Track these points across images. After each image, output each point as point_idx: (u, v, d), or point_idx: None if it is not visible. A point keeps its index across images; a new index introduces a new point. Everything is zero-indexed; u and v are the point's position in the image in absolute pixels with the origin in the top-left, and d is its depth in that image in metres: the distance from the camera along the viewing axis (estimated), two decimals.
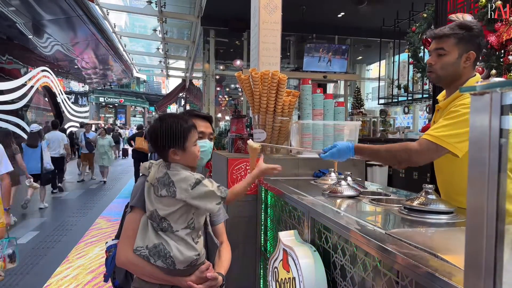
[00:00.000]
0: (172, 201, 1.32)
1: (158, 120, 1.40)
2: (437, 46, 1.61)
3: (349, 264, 1.29)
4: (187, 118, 1.44)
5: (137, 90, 34.55)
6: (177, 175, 1.33)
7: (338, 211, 1.48)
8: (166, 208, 1.32)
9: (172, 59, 16.70)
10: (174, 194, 1.31)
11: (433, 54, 1.64)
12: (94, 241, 5.05)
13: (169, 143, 1.35)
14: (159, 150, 1.38)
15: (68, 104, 16.91)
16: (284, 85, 2.60)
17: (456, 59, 1.58)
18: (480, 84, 0.51)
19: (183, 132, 1.36)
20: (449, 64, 1.59)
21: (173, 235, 1.33)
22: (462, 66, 1.59)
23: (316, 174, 2.52)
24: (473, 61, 1.59)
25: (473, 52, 1.57)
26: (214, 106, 10.74)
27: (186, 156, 1.38)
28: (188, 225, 1.35)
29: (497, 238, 0.52)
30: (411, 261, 0.88)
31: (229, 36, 9.82)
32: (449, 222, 1.26)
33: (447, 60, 1.59)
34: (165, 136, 1.35)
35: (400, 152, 1.60)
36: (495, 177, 0.52)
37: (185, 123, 1.39)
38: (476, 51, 1.58)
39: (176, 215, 1.33)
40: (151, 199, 1.35)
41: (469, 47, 1.57)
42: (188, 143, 1.38)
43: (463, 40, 1.57)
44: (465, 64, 1.59)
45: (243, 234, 2.51)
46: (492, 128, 0.52)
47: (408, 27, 5.53)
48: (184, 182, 1.31)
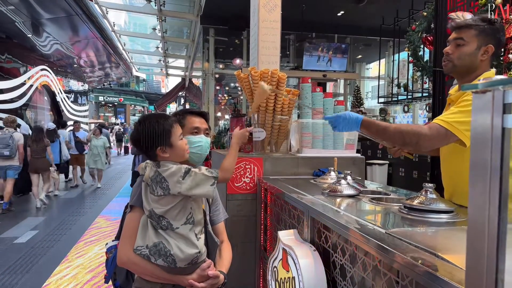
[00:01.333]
0: (169, 197, 1.32)
1: (138, 124, 1.40)
2: (457, 36, 1.60)
3: (349, 263, 1.28)
4: (166, 115, 1.45)
5: (137, 89, 34.53)
6: (167, 170, 1.33)
7: (338, 210, 1.47)
8: (164, 206, 1.32)
9: (172, 58, 16.68)
10: (168, 189, 1.31)
11: (452, 43, 1.63)
12: (94, 240, 5.04)
13: (155, 142, 1.35)
14: (146, 151, 1.38)
15: (67, 103, 16.89)
16: (283, 84, 2.59)
17: (474, 50, 1.57)
18: (482, 82, 0.50)
19: (165, 128, 1.36)
20: (466, 54, 1.58)
21: (173, 233, 1.32)
22: (479, 58, 1.57)
23: (316, 173, 2.51)
24: (491, 55, 1.58)
25: (491, 46, 1.56)
26: (213, 105, 10.74)
27: (174, 152, 1.38)
28: (187, 220, 1.35)
29: (499, 238, 0.51)
30: (411, 261, 0.87)
31: (229, 34, 9.81)
32: (449, 221, 1.25)
33: (465, 50, 1.58)
34: (149, 136, 1.34)
35: (410, 134, 1.55)
36: (497, 177, 0.51)
37: (165, 120, 1.39)
38: (495, 45, 1.57)
39: (174, 211, 1.32)
40: (148, 199, 1.35)
41: (489, 41, 1.56)
42: (173, 137, 1.37)
43: (483, 33, 1.55)
44: (483, 57, 1.57)
45: (243, 233, 2.50)
46: (494, 127, 0.51)
47: (408, 26, 5.52)
48: (175, 175, 1.31)
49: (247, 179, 2.50)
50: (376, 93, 8.93)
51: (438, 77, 3.70)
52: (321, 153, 2.62)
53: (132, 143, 1.43)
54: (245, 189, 2.50)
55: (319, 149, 2.65)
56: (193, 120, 1.60)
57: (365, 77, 13.32)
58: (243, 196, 2.51)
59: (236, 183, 2.49)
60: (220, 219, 1.65)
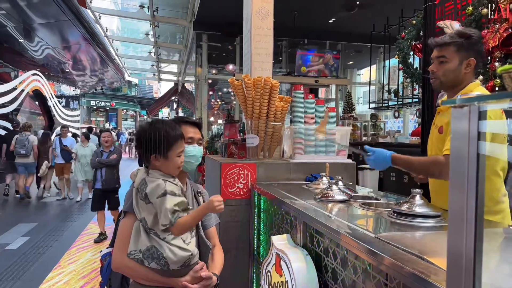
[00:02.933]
0: (150, 206, 1.35)
1: (147, 124, 1.43)
2: (439, 54, 1.69)
3: (340, 267, 1.32)
4: (176, 127, 1.46)
5: (129, 94, 34.37)
6: (152, 181, 1.36)
7: (330, 215, 1.52)
8: (149, 214, 1.35)
9: (164, 63, 16.68)
10: (147, 199, 1.35)
11: (435, 61, 1.71)
12: (86, 246, 5.02)
13: (152, 149, 1.37)
14: (142, 153, 1.41)
15: (59, 107, 16.77)
16: (276, 91, 2.64)
17: (457, 65, 1.65)
18: (460, 99, 0.55)
19: (169, 140, 1.39)
20: (450, 70, 1.66)
21: (165, 236, 1.36)
22: (463, 72, 1.66)
23: (308, 178, 2.55)
24: (474, 67, 1.66)
25: (473, 59, 1.64)
26: (206, 110, 10.75)
27: (167, 164, 1.41)
28: None
29: (476, 238, 0.55)
30: (399, 264, 0.91)
31: (222, 40, 9.86)
32: (436, 226, 1.30)
33: (448, 67, 1.66)
34: (150, 140, 1.37)
35: (431, 166, 1.67)
36: (474, 181, 0.55)
37: (172, 131, 1.41)
38: (476, 57, 1.65)
39: (156, 220, 1.35)
40: (138, 205, 1.39)
41: (469, 54, 1.64)
42: (171, 152, 1.40)
43: (462, 48, 1.64)
44: (466, 70, 1.66)
45: (236, 238, 2.53)
46: (471, 131, 0.55)
47: (398, 33, 5.62)
48: (155, 189, 1.34)
49: (240, 184, 2.53)
50: (367, 99, 9.03)
51: (427, 83, 3.78)
52: (314, 159, 2.67)
53: (135, 138, 1.47)
54: (239, 195, 2.54)
55: (312, 155, 2.69)
56: (188, 130, 1.63)
57: (356, 83, 13.46)
58: (237, 201, 2.54)
59: (230, 188, 2.52)
60: (212, 224, 1.68)
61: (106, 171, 5.10)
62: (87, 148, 7.67)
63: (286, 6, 7.32)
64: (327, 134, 1.73)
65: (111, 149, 5.29)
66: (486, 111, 0.54)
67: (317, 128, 1.75)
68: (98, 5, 10.22)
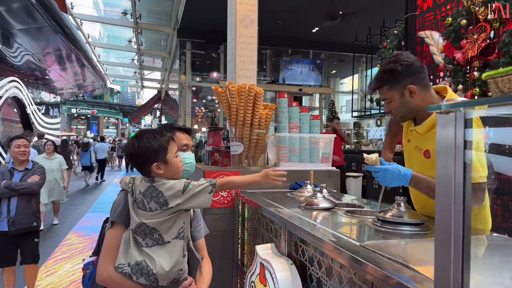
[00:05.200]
0: (162, 211, 1.31)
1: (134, 139, 1.38)
2: (382, 97, 1.66)
3: (325, 276, 1.30)
4: (163, 131, 1.43)
5: (111, 101, 33.93)
6: (164, 184, 1.33)
7: (314, 223, 1.50)
8: (155, 218, 1.30)
9: (148, 70, 16.56)
10: (166, 203, 1.30)
11: (385, 103, 1.67)
12: (65, 257, 4.86)
13: (151, 159, 1.34)
14: (141, 167, 1.37)
15: (38, 115, 16.38)
16: (260, 99, 2.63)
17: (400, 99, 1.58)
18: (445, 104, 0.54)
19: (163, 145, 1.36)
20: (398, 106, 1.60)
21: (160, 248, 1.30)
22: (410, 101, 1.57)
23: (293, 186, 2.54)
24: (418, 88, 1.55)
25: (410, 85, 1.54)
26: (190, 117, 10.69)
27: (169, 169, 1.37)
28: (179, 234, 1.34)
29: (463, 249, 0.54)
30: (385, 273, 0.90)
31: (206, 48, 9.86)
32: (420, 233, 1.30)
33: (394, 105, 1.61)
34: (146, 152, 1.34)
35: None
36: (461, 189, 0.54)
37: (162, 136, 1.38)
38: (413, 81, 1.55)
39: (167, 224, 1.31)
40: (137, 213, 1.33)
41: (404, 83, 1.55)
42: (169, 155, 1.37)
43: (392, 83, 1.57)
44: (412, 97, 1.56)
45: (220, 248, 2.49)
46: (457, 138, 0.55)
47: (380, 43, 5.72)
48: (173, 189, 1.31)
49: (224, 193, 2.50)
50: (350, 107, 9.14)
51: None
52: (298, 166, 2.66)
53: (127, 157, 1.40)
54: (223, 203, 2.50)
55: (296, 163, 2.68)
56: (181, 136, 1.60)
57: (339, 92, 13.64)
58: (221, 210, 2.50)
59: (214, 197, 2.47)
60: (201, 235, 1.64)
61: (19, 203, 3.21)
62: (53, 161, 6.17)
63: (270, 15, 7.38)
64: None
65: (27, 167, 3.36)
66: (471, 118, 0.54)
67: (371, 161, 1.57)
68: (80, 11, 10.10)
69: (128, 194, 1.38)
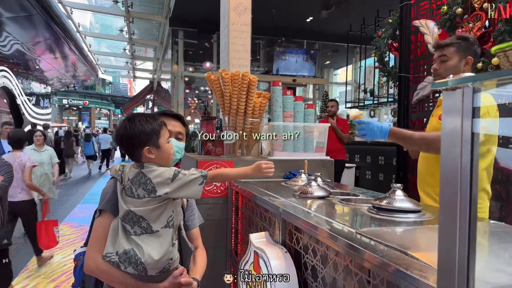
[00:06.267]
0: (150, 199, 1.27)
1: (127, 121, 1.33)
2: (440, 54, 1.89)
3: (320, 264, 1.28)
4: (155, 116, 1.40)
5: (103, 92, 33.53)
6: (153, 171, 1.28)
7: (309, 211, 1.48)
8: (144, 206, 1.26)
9: (139, 60, 16.36)
10: (154, 190, 1.26)
11: (437, 61, 1.90)
12: (56, 248, 4.81)
13: (143, 142, 1.30)
14: (131, 151, 1.32)
15: (28, 106, 16.14)
16: (254, 87, 2.59)
17: (457, 62, 1.84)
18: (452, 79, 0.51)
19: (155, 129, 1.32)
20: (451, 67, 1.84)
21: (149, 237, 1.27)
22: (462, 69, 1.83)
23: (287, 175, 2.52)
24: (471, 65, 1.84)
25: (470, 57, 1.83)
26: (183, 108, 10.60)
27: (161, 154, 1.33)
28: (168, 223, 1.30)
29: (469, 240, 0.51)
30: (383, 260, 0.88)
31: (198, 37, 9.74)
32: (417, 221, 1.28)
33: (449, 64, 1.86)
34: (138, 135, 1.29)
35: (432, 140, 1.74)
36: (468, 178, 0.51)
37: (155, 121, 1.35)
38: (473, 56, 1.84)
39: (155, 213, 1.27)
40: (125, 200, 1.29)
41: (467, 54, 1.84)
42: (161, 139, 1.33)
43: (461, 48, 1.84)
44: (465, 67, 1.83)
45: (213, 237, 2.46)
46: (464, 128, 0.52)
47: (374, 33, 5.68)
48: (161, 177, 1.27)
49: (217, 182, 2.47)
50: (344, 98, 9.12)
51: (403, 82, 3.83)
52: (292, 156, 2.63)
53: (117, 140, 1.35)
54: (216, 193, 2.47)
55: (290, 152, 2.66)
56: (172, 123, 1.55)
57: (333, 83, 13.61)
58: (214, 200, 2.47)
59: (207, 186, 2.45)
60: (195, 224, 1.61)
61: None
62: (43, 154, 5.50)
63: (264, 3, 7.29)
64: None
65: None
66: (480, 98, 0.51)
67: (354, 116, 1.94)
68: None
69: (117, 182, 1.34)
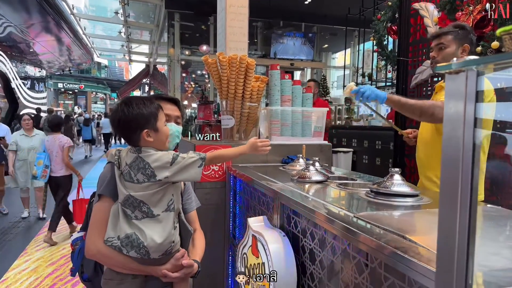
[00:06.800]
0: (150, 183, 1.27)
1: (124, 104, 1.32)
2: (438, 42, 1.96)
3: (318, 248, 1.29)
4: (152, 99, 1.38)
5: (98, 76, 33.17)
6: (151, 156, 1.28)
7: (307, 196, 1.48)
8: (144, 191, 1.26)
9: (135, 43, 16.13)
10: (153, 175, 1.26)
11: (435, 49, 1.98)
12: (55, 233, 4.84)
13: (141, 125, 1.29)
14: (129, 134, 1.31)
15: (23, 89, 15.97)
16: (252, 70, 2.57)
17: (454, 50, 1.92)
18: (456, 62, 0.50)
19: (153, 112, 1.31)
20: (449, 54, 1.91)
21: (150, 221, 1.27)
22: (459, 56, 1.90)
23: (285, 160, 2.52)
24: (468, 53, 1.91)
25: (467, 45, 1.91)
26: (180, 92, 10.53)
27: (158, 137, 1.33)
28: (168, 206, 1.31)
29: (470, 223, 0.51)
30: (380, 243, 0.88)
31: (195, 20, 9.59)
32: (414, 205, 1.29)
33: (447, 51, 1.93)
34: (136, 118, 1.28)
35: (426, 106, 1.83)
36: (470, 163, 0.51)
37: (152, 104, 1.34)
38: (469, 44, 1.92)
39: (155, 197, 1.27)
40: (124, 185, 1.29)
41: (464, 41, 1.92)
42: (159, 123, 1.33)
43: (458, 36, 1.92)
44: (462, 55, 1.90)
45: (211, 221, 2.48)
46: (467, 112, 0.51)
47: (373, 16, 5.62)
48: (160, 161, 1.27)
49: (215, 167, 2.47)
50: (342, 83, 9.09)
51: (402, 66, 3.80)
52: (290, 140, 2.63)
53: (114, 124, 1.33)
54: (214, 177, 2.47)
55: (288, 137, 2.65)
56: (164, 107, 1.54)
57: (331, 67, 13.51)
58: (212, 184, 2.48)
59: (205, 171, 2.45)
60: (192, 208, 1.62)
61: None
62: (33, 139, 5.20)
63: None
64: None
65: None
66: (483, 81, 0.50)
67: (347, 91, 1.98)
68: None
69: (114, 166, 1.33)
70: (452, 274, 0.54)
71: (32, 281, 3.40)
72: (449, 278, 0.55)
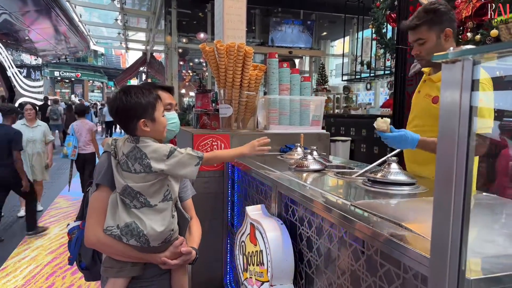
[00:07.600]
0: (147, 174, 1.27)
1: (122, 93, 1.31)
2: (415, 38, 1.72)
3: (315, 235, 1.31)
4: (150, 88, 1.38)
5: (95, 64, 32.89)
6: (149, 147, 1.28)
7: (305, 184, 1.49)
8: (141, 182, 1.27)
9: (132, 31, 15.95)
10: (149, 166, 1.26)
11: (415, 45, 1.73)
12: (54, 221, 4.87)
13: (139, 115, 1.29)
14: (126, 123, 1.31)
15: (19, 78, 15.85)
16: (250, 59, 2.55)
17: (436, 40, 1.68)
18: (452, 52, 0.50)
19: (151, 102, 1.31)
20: (432, 48, 1.68)
21: (149, 210, 1.28)
22: (443, 44, 1.68)
23: (283, 149, 2.52)
24: (453, 35, 1.69)
25: (449, 29, 1.66)
26: (177, 80, 10.46)
27: (155, 127, 1.33)
28: (165, 197, 1.32)
29: (464, 211, 0.52)
30: (377, 231, 0.89)
31: (192, 7, 9.48)
32: (411, 193, 1.30)
33: (428, 46, 1.69)
34: (134, 107, 1.28)
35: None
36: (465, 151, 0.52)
37: (150, 93, 1.33)
38: (450, 25, 1.67)
39: (152, 188, 1.28)
40: (122, 175, 1.29)
41: (443, 26, 1.66)
42: (157, 113, 1.33)
43: (434, 23, 1.66)
44: (446, 40, 1.68)
45: (210, 210, 2.50)
46: (463, 101, 0.51)
47: (372, 3, 5.57)
48: (157, 153, 1.27)
49: (213, 163, 2.47)
50: (340, 71, 9.05)
51: (401, 54, 3.79)
52: (288, 129, 2.63)
53: (112, 112, 1.33)
54: (212, 166, 2.48)
55: (286, 126, 2.66)
56: (164, 95, 1.54)
57: (330, 55, 13.43)
58: (210, 173, 2.49)
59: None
60: (188, 196, 1.63)
61: None
62: (35, 130, 4.84)
63: None
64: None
65: None
66: (480, 70, 0.50)
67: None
68: None
69: (111, 155, 1.33)
70: (445, 261, 0.55)
71: (32, 269, 3.43)
72: (443, 264, 0.56)
